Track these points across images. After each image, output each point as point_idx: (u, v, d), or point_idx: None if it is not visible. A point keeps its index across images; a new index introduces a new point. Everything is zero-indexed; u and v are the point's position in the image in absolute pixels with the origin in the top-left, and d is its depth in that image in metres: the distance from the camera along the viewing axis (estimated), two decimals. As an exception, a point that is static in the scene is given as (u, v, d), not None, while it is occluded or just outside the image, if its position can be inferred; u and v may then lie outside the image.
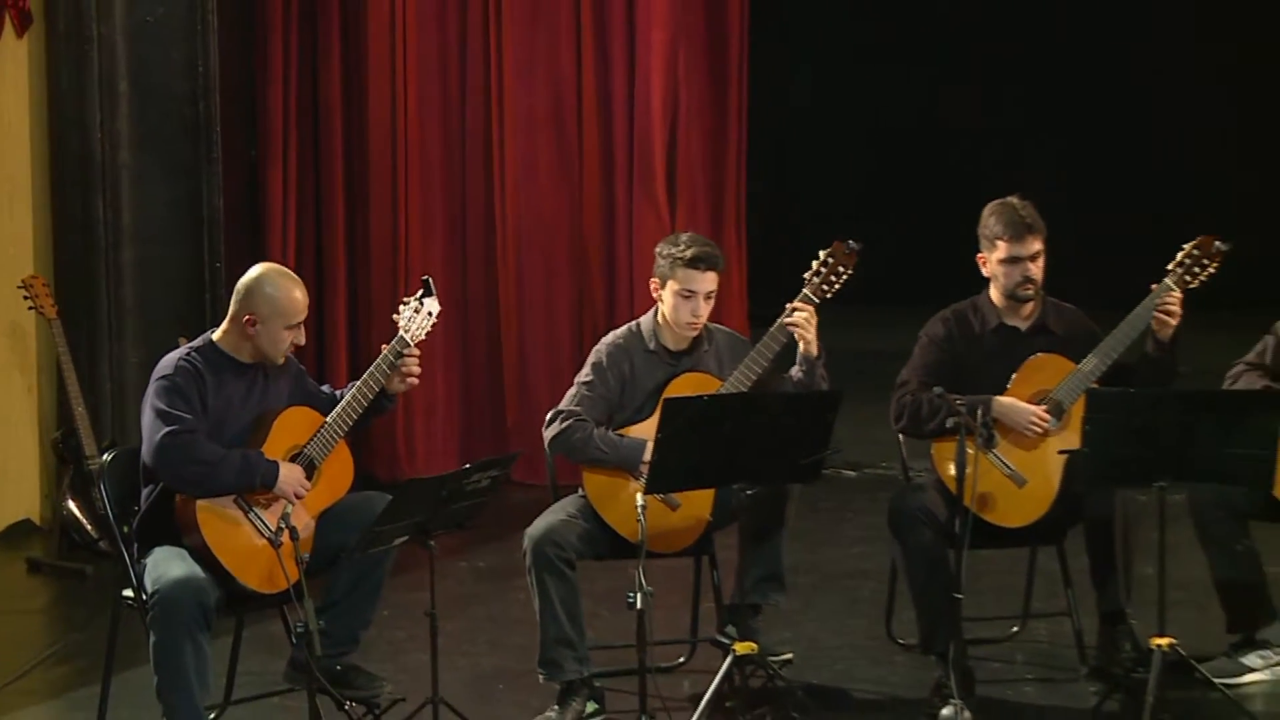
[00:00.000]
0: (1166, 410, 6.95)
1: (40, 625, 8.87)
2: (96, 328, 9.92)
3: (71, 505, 9.46)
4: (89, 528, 9.33)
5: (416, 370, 7.03)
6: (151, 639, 6.57)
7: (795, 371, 7.32)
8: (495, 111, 10.89)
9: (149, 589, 6.61)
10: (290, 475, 6.81)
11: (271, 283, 6.90)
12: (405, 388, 7.05)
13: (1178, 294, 7.28)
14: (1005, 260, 7.49)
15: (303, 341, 6.97)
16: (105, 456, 7.34)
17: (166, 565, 6.63)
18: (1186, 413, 6.93)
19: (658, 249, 7.56)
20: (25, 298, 9.34)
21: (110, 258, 9.98)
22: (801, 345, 7.27)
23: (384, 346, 7.03)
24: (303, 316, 6.92)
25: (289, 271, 7.06)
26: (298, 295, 6.92)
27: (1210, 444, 6.87)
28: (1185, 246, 7.31)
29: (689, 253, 7.41)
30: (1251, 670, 7.48)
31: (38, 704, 7.65)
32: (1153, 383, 7.31)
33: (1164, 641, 6.90)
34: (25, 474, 10.14)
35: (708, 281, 7.41)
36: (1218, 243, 7.31)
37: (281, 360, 6.94)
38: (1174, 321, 7.29)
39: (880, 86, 15.10)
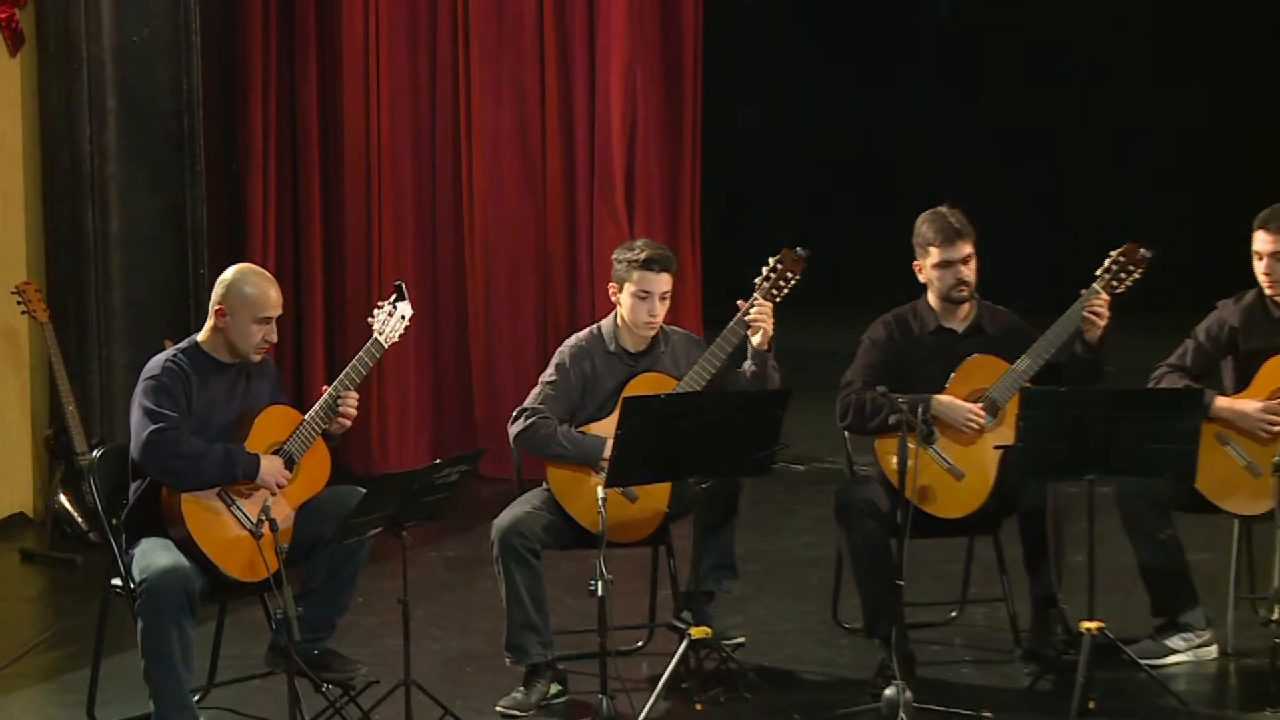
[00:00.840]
0: (1095, 408, 7.00)
1: (33, 612, 8.84)
2: (86, 331, 9.90)
3: (63, 499, 9.44)
4: (79, 520, 9.30)
5: (353, 412, 7.00)
6: (139, 624, 6.56)
7: (748, 365, 7.33)
8: (464, 127, 10.88)
9: (137, 577, 6.60)
10: (271, 467, 6.80)
11: (242, 278, 6.91)
12: (340, 429, 7.02)
13: (1105, 298, 7.30)
14: (938, 265, 7.50)
15: (274, 339, 6.94)
16: (95, 453, 7.33)
17: (153, 555, 6.62)
18: (1114, 410, 6.99)
19: (615, 254, 7.56)
20: (19, 303, 9.32)
21: (99, 265, 9.96)
22: (755, 339, 7.28)
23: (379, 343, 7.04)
24: (271, 312, 6.88)
25: (263, 271, 7.06)
26: (268, 290, 6.90)
27: (1136, 439, 6.93)
28: (1112, 253, 7.33)
29: (644, 255, 7.42)
30: (1175, 652, 7.49)
31: (31, 687, 7.62)
32: (1082, 382, 7.33)
33: (1093, 625, 6.95)
34: (19, 469, 10.11)
35: (662, 283, 7.41)
36: (1142, 250, 7.33)
37: (256, 356, 6.91)
38: (1102, 324, 7.31)
39: (825, 107, 15.14)
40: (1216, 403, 7.36)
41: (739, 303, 7.32)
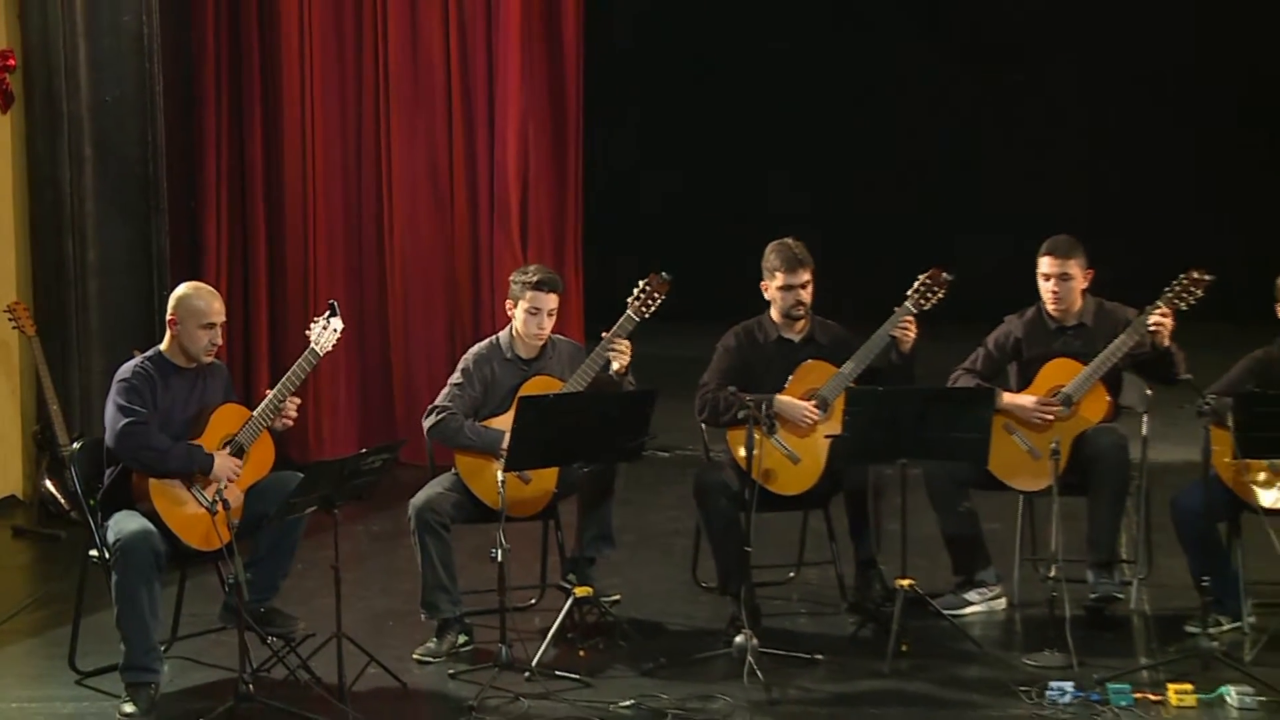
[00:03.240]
0: (906, 404, 7.06)
1: (23, 579, 8.75)
2: (67, 343, 9.81)
3: (48, 484, 9.35)
4: (62, 501, 9.22)
5: (294, 414, 6.99)
6: (114, 579, 6.54)
7: (613, 372, 7.35)
8: (384, 171, 10.85)
9: (111, 540, 6.58)
10: (224, 464, 6.79)
11: (188, 293, 6.91)
12: (283, 427, 7.01)
13: (913, 315, 7.37)
14: (782, 287, 7.56)
15: (219, 342, 6.93)
16: (75, 445, 7.29)
17: (126, 522, 6.61)
18: (921, 406, 7.04)
19: (511, 277, 7.58)
20: (10, 319, 9.24)
21: (78, 288, 9.88)
22: (615, 366, 7.29)
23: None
24: (214, 319, 6.87)
25: (208, 286, 7.06)
26: (211, 302, 6.89)
27: (939, 430, 6.99)
28: (920, 276, 7.40)
29: (535, 278, 7.44)
30: (971, 604, 7.58)
31: (21, 641, 7.55)
32: (896, 383, 7.38)
33: (905, 582, 7.04)
34: (10, 459, 10.01)
35: (550, 301, 7.43)
36: (944, 274, 7.42)
37: (205, 358, 6.89)
38: (911, 336, 7.38)
39: (685, 153, 15.11)
40: (1003, 399, 7.43)
41: (603, 334, 7.35)
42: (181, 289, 6.98)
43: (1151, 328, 7.26)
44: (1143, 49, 14.23)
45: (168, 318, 6.92)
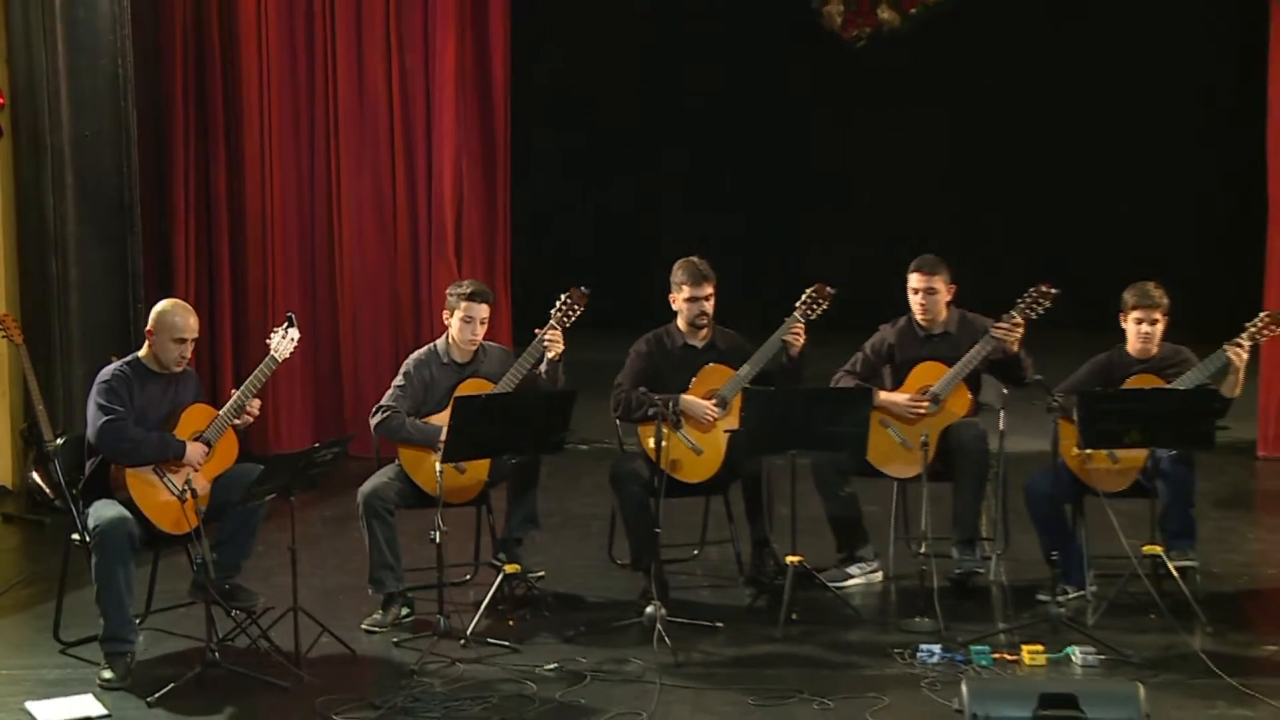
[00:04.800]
0: (795, 402, 7.09)
1: (11, 560, 8.64)
2: (52, 350, 9.71)
3: (35, 475, 9.25)
4: (47, 491, 9.12)
5: (255, 414, 6.96)
6: (93, 560, 6.50)
7: (545, 371, 7.34)
8: (335, 199, 10.81)
9: (91, 526, 6.54)
10: (193, 451, 6.75)
11: (165, 310, 6.85)
12: (245, 424, 6.97)
13: (801, 324, 7.41)
14: (687, 299, 7.58)
15: (189, 355, 6.88)
16: (59, 440, 7.25)
17: (104, 509, 6.57)
18: (808, 404, 7.08)
19: (448, 290, 7.56)
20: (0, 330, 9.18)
21: (61, 301, 9.78)
22: (549, 355, 7.32)
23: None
24: (186, 335, 6.81)
25: (185, 304, 6.99)
26: (186, 319, 6.84)
27: (824, 424, 7.00)
28: (808, 290, 7.42)
29: (468, 290, 7.43)
30: (852, 577, 7.60)
31: (10, 615, 7.47)
32: (786, 384, 7.41)
33: (795, 559, 7.05)
34: (1, 453, 9.91)
35: (482, 311, 7.41)
36: (828, 288, 7.46)
37: (176, 368, 6.83)
38: (799, 342, 7.40)
39: (601, 181, 15.12)
40: (879, 397, 7.46)
41: (536, 330, 7.36)
42: (162, 305, 6.91)
43: (1004, 335, 7.34)
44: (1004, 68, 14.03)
45: (146, 329, 6.86)
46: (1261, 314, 7.24)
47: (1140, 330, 7.32)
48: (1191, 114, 13.71)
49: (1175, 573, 6.96)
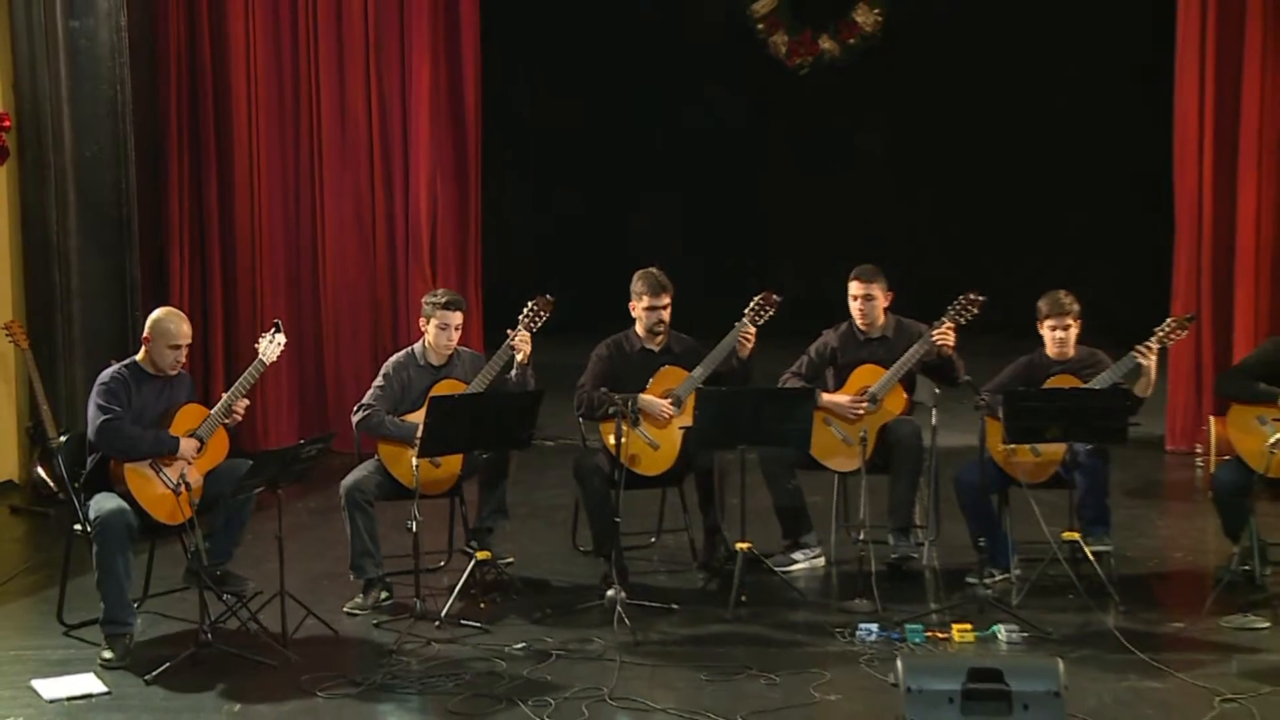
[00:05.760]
0: (745, 401, 7.09)
1: (18, 549, 8.58)
2: (55, 354, 9.67)
3: (39, 470, 9.21)
4: (51, 485, 9.08)
5: (241, 413, 6.93)
6: (94, 549, 6.47)
7: (514, 374, 7.36)
8: (318, 213, 10.78)
9: (92, 517, 6.51)
10: (187, 446, 6.73)
11: (161, 317, 6.84)
12: (234, 423, 6.94)
13: (751, 329, 7.41)
14: (646, 308, 7.57)
15: (183, 360, 6.86)
16: (62, 438, 7.22)
17: (104, 502, 6.54)
18: (756, 403, 7.07)
19: (424, 299, 7.56)
20: (7, 335, 9.08)
21: (64, 309, 9.74)
22: (518, 358, 7.33)
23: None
24: (180, 341, 6.80)
25: (179, 312, 6.98)
26: (180, 326, 6.82)
27: (771, 422, 7.01)
28: (755, 298, 7.42)
29: (444, 300, 7.43)
30: (796, 563, 7.62)
31: (17, 600, 7.44)
32: (736, 384, 7.41)
33: (744, 545, 7.05)
34: (8, 449, 9.82)
35: (456, 318, 7.41)
36: (774, 296, 7.46)
37: (171, 371, 6.82)
38: (749, 345, 7.42)
39: (566, 198, 15.08)
40: (822, 397, 7.49)
41: (508, 331, 7.37)
42: (158, 313, 6.88)
43: (937, 339, 7.38)
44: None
45: (143, 335, 6.83)
46: (1168, 319, 7.30)
47: (1055, 335, 7.37)
48: (1105, 132, 13.78)
49: (1091, 557, 7.01)
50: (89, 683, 6.21)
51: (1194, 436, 10.17)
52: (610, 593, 6.90)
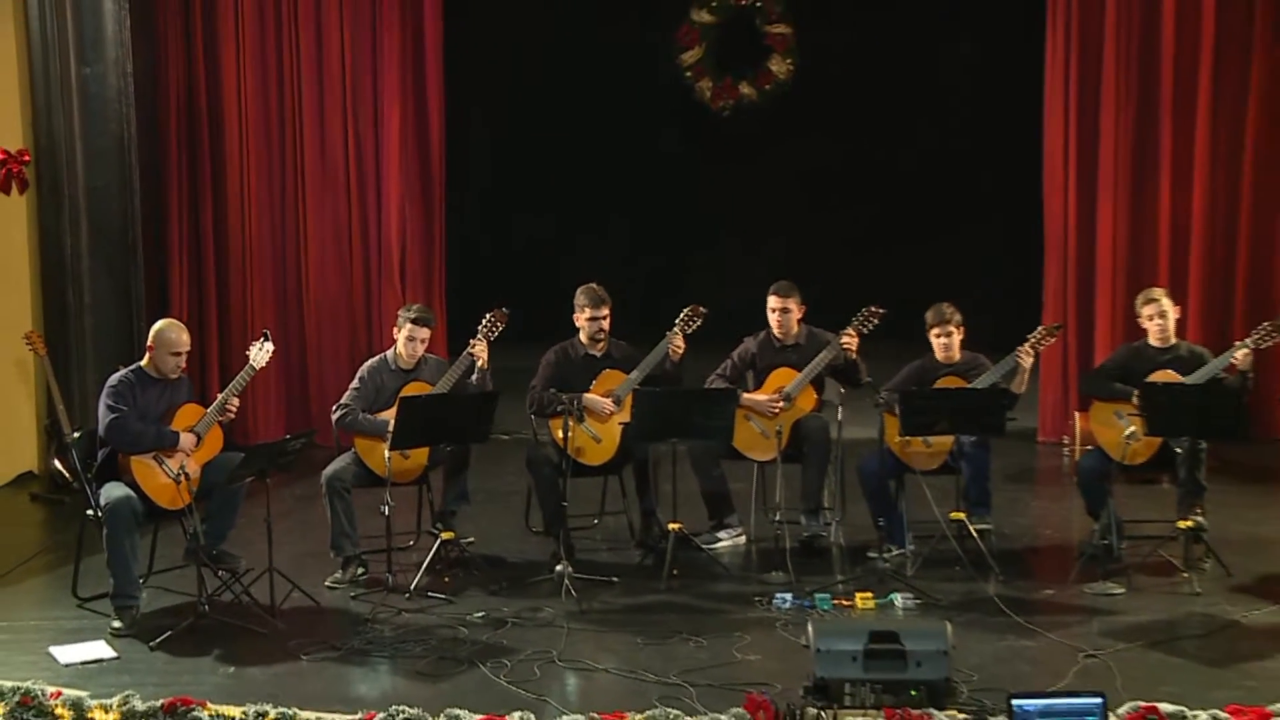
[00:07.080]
0: (676, 400, 7.11)
1: (37, 532, 8.48)
2: (69, 360, 9.54)
3: (56, 462, 9.10)
4: (66, 475, 8.97)
5: (234, 412, 6.90)
6: (104, 533, 6.44)
7: (475, 377, 7.34)
8: (302, 236, 10.68)
9: (103, 504, 6.48)
10: (186, 440, 6.70)
11: (164, 326, 6.81)
12: (228, 420, 6.91)
13: (680, 336, 7.40)
14: (588, 319, 7.57)
15: (183, 365, 6.83)
16: (75, 434, 7.15)
17: (113, 490, 6.52)
18: (686, 402, 7.10)
19: (399, 311, 7.54)
20: (27, 344, 8.98)
21: (77, 321, 9.62)
22: (479, 363, 7.31)
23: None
24: (180, 348, 6.77)
25: (179, 323, 6.95)
26: (180, 335, 6.79)
27: (699, 418, 7.03)
28: (685, 310, 7.42)
29: (413, 314, 7.41)
30: (721, 541, 7.62)
31: (36, 576, 7.37)
32: (667, 385, 7.43)
33: (675, 526, 7.09)
34: (29, 444, 9.71)
35: (423, 333, 7.39)
36: (701, 308, 7.49)
37: (173, 375, 6.79)
38: (680, 351, 7.42)
39: (521, 221, 15.00)
40: (744, 397, 7.49)
41: (470, 341, 7.37)
42: (160, 324, 6.85)
43: (843, 345, 7.43)
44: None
45: (147, 343, 6.79)
46: (1039, 328, 7.39)
47: (940, 342, 7.43)
48: (986, 164, 13.87)
49: (975, 534, 7.08)
50: (100, 649, 6.18)
51: (1062, 429, 10.27)
52: (559, 567, 6.90)
